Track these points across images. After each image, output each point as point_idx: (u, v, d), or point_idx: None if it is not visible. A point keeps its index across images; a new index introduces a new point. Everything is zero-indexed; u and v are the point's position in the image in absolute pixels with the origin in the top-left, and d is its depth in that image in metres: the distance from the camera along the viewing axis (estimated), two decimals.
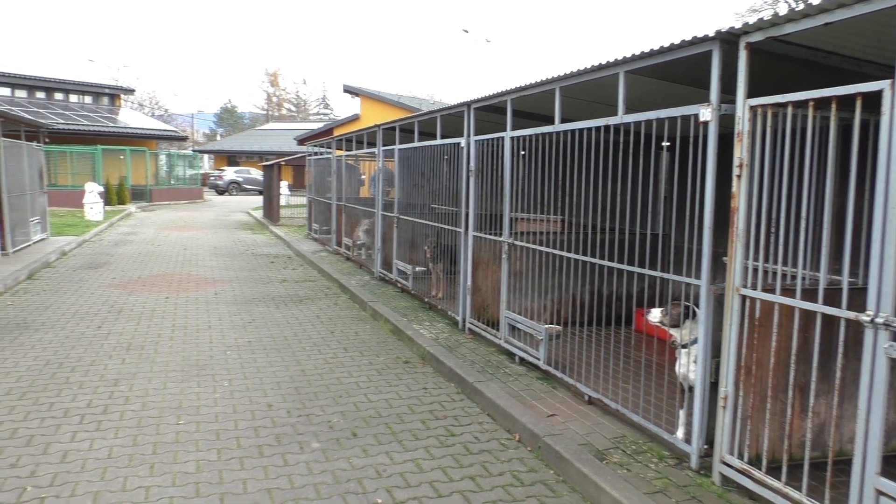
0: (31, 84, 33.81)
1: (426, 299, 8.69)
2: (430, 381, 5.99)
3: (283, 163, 23.29)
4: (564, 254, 5.64)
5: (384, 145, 10.90)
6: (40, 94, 34.26)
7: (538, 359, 5.79)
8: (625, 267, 4.83)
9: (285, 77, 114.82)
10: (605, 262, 5.03)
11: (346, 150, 13.97)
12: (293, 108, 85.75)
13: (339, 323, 8.19)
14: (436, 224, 8.56)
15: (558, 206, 7.91)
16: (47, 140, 17.53)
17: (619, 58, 4.54)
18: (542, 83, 5.64)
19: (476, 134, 7.20)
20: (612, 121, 4.73)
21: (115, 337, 7.32)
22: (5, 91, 32.77)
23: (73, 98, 35.75)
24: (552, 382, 5.59)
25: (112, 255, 14.15)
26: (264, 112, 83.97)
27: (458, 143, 7.53)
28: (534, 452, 4.46)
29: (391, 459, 4.34)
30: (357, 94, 27.10)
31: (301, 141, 30.96)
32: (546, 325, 5.74)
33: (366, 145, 12.62)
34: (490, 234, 6.96)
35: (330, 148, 15.48)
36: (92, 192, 21.69)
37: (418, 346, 6.83)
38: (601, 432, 4.53)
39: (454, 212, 7.98)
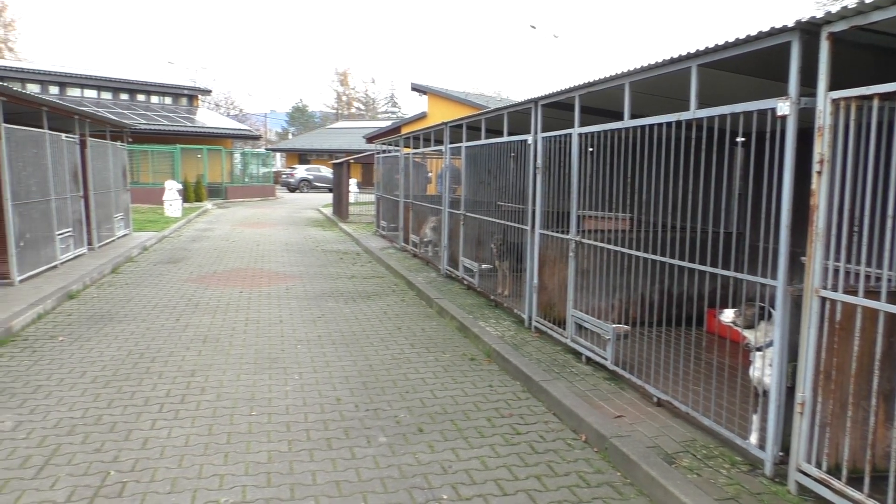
0: (115, 86, 35.42)
1: (492, 297, 8.69)
2: (495, 379, 5.98)
3: (351, 161, 23.66)
4: (633, 252, 5.54)
5: (451, 143, 10.94)
6: (124, 96, 35.84)
7: (605, 358, 5.71)
8: (696, 266, 4.70)
9: (355, 76, 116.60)
10: (676, 261, 4.91)
11: (414, 148, 14.08)
12: (362, 107, 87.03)
13: (405, 319, 8.28)
14: (502, 221, 8.54)
15: (627, 204, 7.77)
16: (130, 140, 18.34)
17: (692, 51, 4.42)
18: (611, 78, 5.55)
19: (543, 131, 7.14)
20: (683, 116, 4.61)
21: (193, 329, 7.60)
22: (92, 93, 34.43)
23: (155, 99, 37.26)
24: (619, 383, 5.51)
25: (189, 250, 14.69)
26: (334, 111, 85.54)
27: (525, 140, 7.49)
28: (600, 454, 4.40)
29: (457, 456, 4.36)
30: (424, 93, 27.27)
31: (369, 139, 31.39)
32: (614, 325, 5.65)
33: (433, 143, 12.70)
34: (557, 231, 6.90)
35: (398, 146, 15.64)
36: (171, 190, 22.56)
37: (484, 343, 6.84)
38: (670, 435, 4.43)
39: (520, 209, 7.95)
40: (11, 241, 9.37)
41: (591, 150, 6.39)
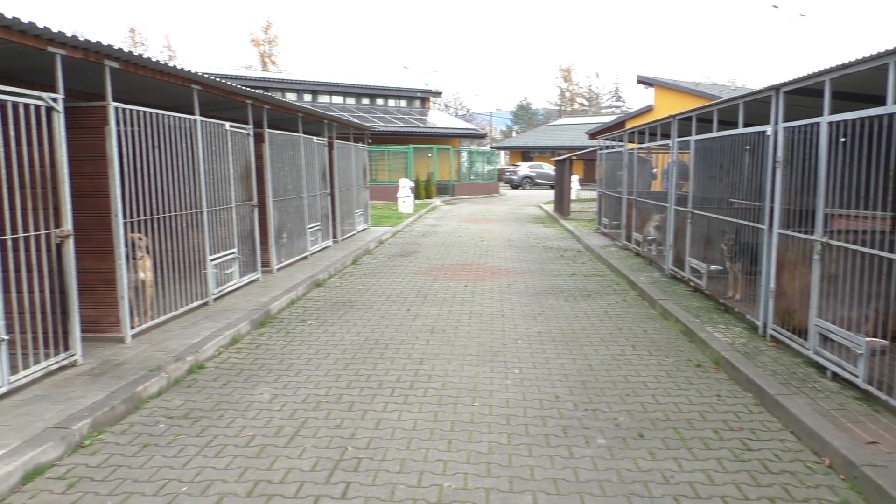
0: (358, 92, 38.57)
1: (721, 300, 8.15)
2: (723, 388, 5.62)
3: (573, 157, 23.51)
4: (894, 256, 4.88)
5: (679, 136, 10.43)
6: (365, 101, 38.90)
7: (856, 376, 5.10)
8: None
9: (578, 72, 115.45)
10: None
11: (638, 143, 13.64)
12: (585, 103, 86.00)
13: (626, 319, 8.07)
14: (735, 220, 7.97)
15: (888, 202, 6.85)
16: (370, 141, 19.89)
17: None
18: (872, 58, 4.93)
19: (785, 120, 6.55)
20: None
21: (421, 320, 8.07)
22: (338, 99, 37.82)
23: (391, 102, 40.00)
24: (873, 405, 4.89)
25: (420, 244, 15.59)
26: (557, 107, 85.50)
27: (764, 132, 6.92)
28: (848, 482, 3.95)
29: (679, 466, 4.17)
30: (651, 85, 26.28)
31: (592, 135, 30.95)
32: (868, 338, 5.03)
33: (659, 137, 12.19)
34: (799, 231, 6.30)
35: (621, 141, 15.25)
36: (404, 188, 24.08)
37: (712, 349, 6.45)
38: None
39: (756, 207, 7.36)
40: (272, 233, 10.63)
41: (843, 140, 5.73)
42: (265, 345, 6.99)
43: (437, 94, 45.10)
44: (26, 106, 5.25)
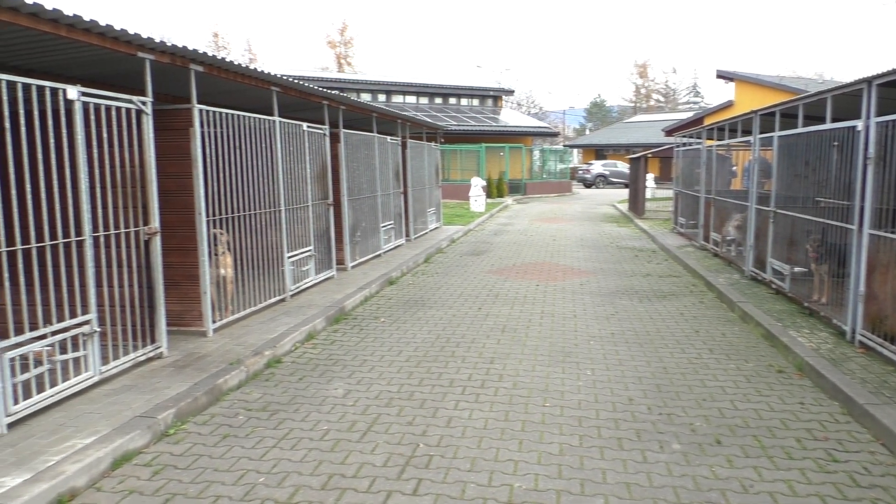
0: (431, 91, 38.84)
1: (805, 304, 7.81)
2: (807, 396, 5.39)
3: (649, 155, 23.01)
4: None
5: (761, 133, 10.06)
6: (438, 100, 39.14)
7: None
8: None
9: (654, 67, 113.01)
10: None
11: (717, 140, 13.22)
12: (661, 99, 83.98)
13: (703, 322, 7.84)
14: (821, 220, 7.63)
15: None
16: (442, 140, 20.00)
17: None
18: None
19: (878, 115, 6.22)
20: None
21: (493, 319, 8.07)
22: (411, 99, 38.19)
23: (464, 101, 40.10)
24: None
25: (491, 243, 15.58)
26: (632, 104, 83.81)
27: (854, 127, 6.60)
28: None
29: (759, 476, 4.03)
30: (731, 79, 25.41)
31: (669, 132, 30.18)
32: None
33: (739, 133, 11.78)
34: (892, 232, 5.97)
35: (699, 138, 14.82)
36: (476, 186, 24.11)
37: (795, 354, 6.20)
38: None
39: (844, 206, 7.02)
40: (346, 231, 10.83)
41: None
42: (339, 341, 7.13)
43: (510, 92, 44.93)
44: (118, 109, 5.52)
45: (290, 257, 8.61)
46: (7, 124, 4.46)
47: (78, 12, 4.64)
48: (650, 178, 26.29)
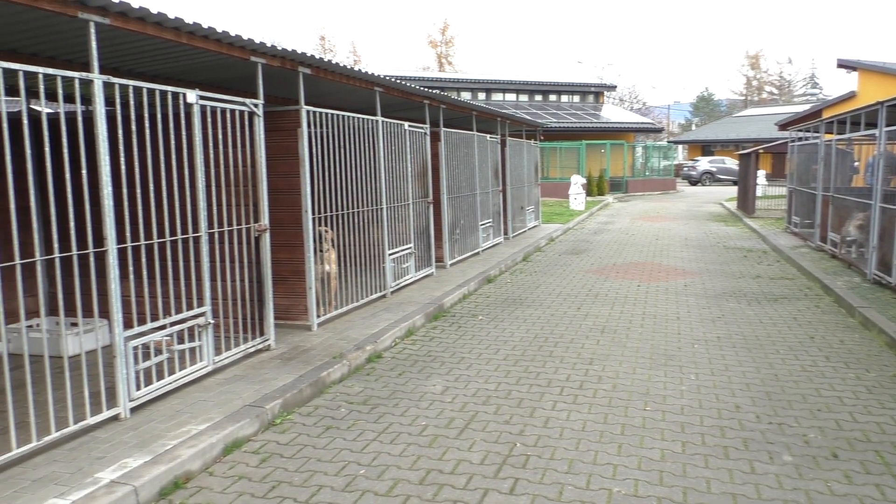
0: (530, 89, 38.61)
1: None
2: None
3: (760, 150, 21.94)
4: None
5: (887, 125, 9.38)
6: (537, 97, 38.85)
7: None
8: None
9: (767, 58, 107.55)
10: None
11: (837, 134, 12.43)
12: (775, 91, 79.85)
13: (819, 328, 7.40)
14: None
15: None
16: (542, 138, 19.84)
17: None
18: None
19: None
20: None
21: (592, 319, 7.93)
22: (511, 97, 38.10)
23: (564, 98, 39.62)
24: None
25: (591, 242, 15.32)
26: (742, 97, 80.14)
27: None
28: None
29: (882, 494, 3.76)
30: (853, 69, 23.84)
31: (782, 126, 28.65)
32: None
33: (863, 127, 11.03)
34: None
35: (816, 132, 13.99)
36: (576, 184, 23.76)
37: None
38: None
39: None
40: (445, 229, 10.94)
41: None
42: (438, 338, 7.21)
43: (612, 88, 44.03)
44: (232, 111, 5.81)
45: (390, 254, 8.78)
46: (134, 127, 4.78)
47: (197, 20, 4.91)
48: (761, 175, 25.08)
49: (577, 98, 39.98)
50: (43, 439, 4.05)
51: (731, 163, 41.67)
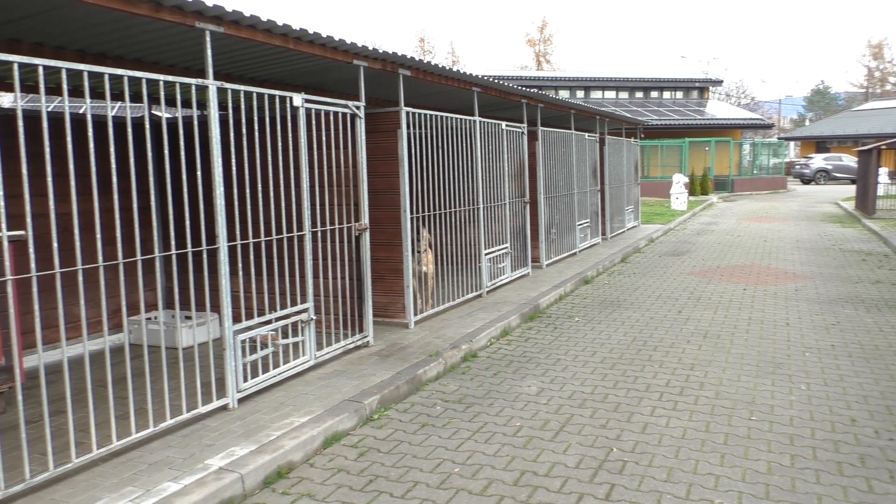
0: (630, 86, 37.72)
1: None
2: None
3: (883, 146, 20.50)
4: None
5: None
6: (638, 94, 37.90)
7: None
8: None
9: (892, 46, 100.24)
10: None
11: None
12: None
13: None
14: None
15: None
16: (642, 136, 19.34)
17: None
18: None
19: None
20: None
21: (693, 323, 7.67)
22: (610, 94, 37.34)
23: (666, 94, 38.45)
24: None
25: (693, 243, 14.80)
26: (862, 90, 75.11)
27: None
28: None
29: None
30: None
31: None
32: None
33: None
34: None
35: None
36: (678, 183, 23.01)
37: None
38: None
39: None
40: (542, 229, 10.86)
41: None
42: (533, 338, 7.17)
43: (717, 82, 42.36)
44: (335, 114, 5.99)
45: (486, 254, 8.80)
46: (244, 130, 5.01)
47: (303, 26, 5.10)
48: (883, 173, 23.39)
49: (679, 94, 38.70)
50: (159, 425, 4.32)
51: (849, 160, 39.17)
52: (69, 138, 3.70)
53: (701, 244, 14.62)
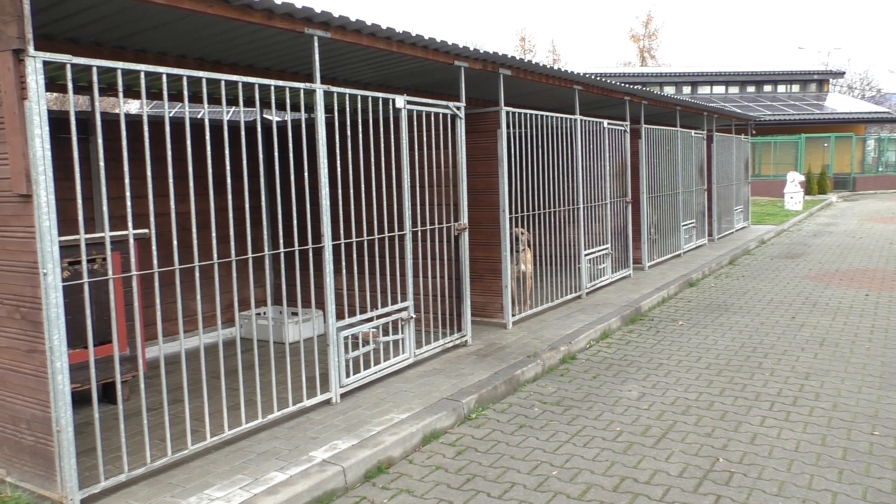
0: (741, 80, 36.07)
1: None
2: None
3: None
4: None
5: None
6: (750, 89, 36.19)
7: None
8: None
9: None
10: None
11: None
12: None
13: None
14: None
15: None
16: (753, 132, 18.46)
17: None
18: None
19: None
20: None
21: (809, 330, 7.25)
22: (719, 89, 35.85)
23: (781, 88, 36.54)
24: None
25: (809, 245, 13.99)
26: None
27: None
28: None
29: None
30: None
31: None
32: None
33: None
34: None
35: None
36: (793, 182, 21.83)
37: None
38: None
39: None
40: (644, 230, 10.57)
41: None
42: (634, 342, 6.99)
43: (839, 74, 39.86)
44: (436, 115, 6.06)
45: (586, 255, 8.66)
46: (348, 132, 5.16)
47: (406, 29, 5.19)
48: None
49: (796, 87, 36.66)
50: (267, 417, 4.51)
51: None
52: (188, 142, 3.92)
53: (818, 246, 13.79)
